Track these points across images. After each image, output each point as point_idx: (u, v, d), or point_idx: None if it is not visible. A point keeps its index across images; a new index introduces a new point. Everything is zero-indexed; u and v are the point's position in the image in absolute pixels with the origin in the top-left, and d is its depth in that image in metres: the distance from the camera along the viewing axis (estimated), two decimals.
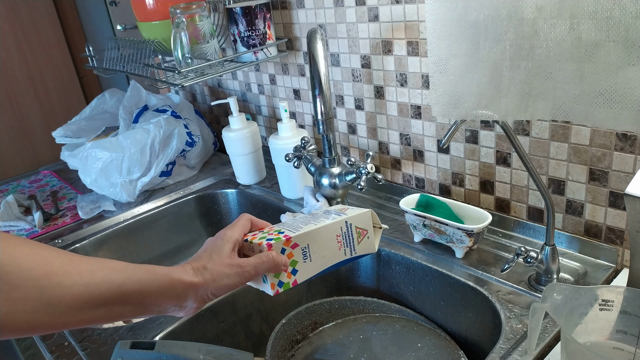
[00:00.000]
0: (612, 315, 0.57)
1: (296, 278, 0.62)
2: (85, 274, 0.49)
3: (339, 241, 0.66)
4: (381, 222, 0.71)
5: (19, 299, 0.44)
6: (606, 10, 0.54)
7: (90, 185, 1.24)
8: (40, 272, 0.46)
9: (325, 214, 0.69)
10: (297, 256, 0.62)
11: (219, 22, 1.23)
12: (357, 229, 0.67)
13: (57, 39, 2.33)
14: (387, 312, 0.90)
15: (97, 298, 0.49)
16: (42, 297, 0.45)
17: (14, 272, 0.45)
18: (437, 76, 0.71)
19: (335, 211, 0.70)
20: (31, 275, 0.45)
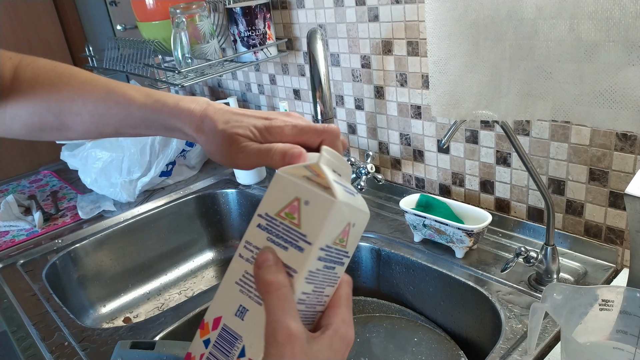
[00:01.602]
0: (612, 315, 0.57)
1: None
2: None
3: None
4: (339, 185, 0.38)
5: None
6: (606, 10, 0.54)
7: (90, 185, 1.24)
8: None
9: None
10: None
11: (219, 22, 1.23)
12: (280, 213, 0.37)
13: (57, 39, 2.33)
14: (387, 312, 0.90)
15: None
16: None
17: None
18: (437, 76, 0.71)
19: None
20: None
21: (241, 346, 0.37)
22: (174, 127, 0.49)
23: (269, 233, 0.37)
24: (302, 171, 0.38)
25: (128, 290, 1.17)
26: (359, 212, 0.38)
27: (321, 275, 0.37)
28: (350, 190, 0.39)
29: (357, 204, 0.38)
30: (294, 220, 0.36)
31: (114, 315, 1.12)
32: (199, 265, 1.27)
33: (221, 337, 0.38)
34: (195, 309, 0.84)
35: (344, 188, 0.37)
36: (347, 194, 0.37)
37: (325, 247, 0.36)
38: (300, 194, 0.36)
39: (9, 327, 0.87)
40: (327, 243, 0.36)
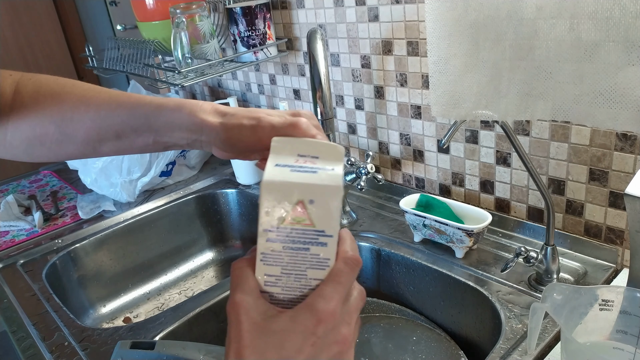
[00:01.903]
0: (612, 315, 0.57)
1: None
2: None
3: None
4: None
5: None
6: (606, 10, 0.54)
7: (90, 185, 1.24)
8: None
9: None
10: None
11: (219, 22, 1.23)
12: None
13: (57, 39, 2.33)
14: (387, 312, 0.90)
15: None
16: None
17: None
18: (437, 76, 0.71)
19: None
20: None
21: None
22: (178, 124, 0.49)
23: None
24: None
25: (128, 290, 1.17)
26: (315, 187, 0.36)
27: (287, 257, 0.37)
28: (310, 169, 0.38)
29: (311, 180, 0.37)
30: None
31: (114, 315, 1.12)
32: (199, 265, 1.27)
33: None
34: (195, 309, 0.84)
35: (291, 168, 0.38)
36: (293, 172, 0.37)
37: (271, 229, 0.37)
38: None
39: (9, 327, 0.87)
40: (272, 224, 0.37)
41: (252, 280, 0.37)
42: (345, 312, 0.37)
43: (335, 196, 0.37)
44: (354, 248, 0.39)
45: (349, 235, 0.40)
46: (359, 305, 0.38)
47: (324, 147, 0.41)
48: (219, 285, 0.90)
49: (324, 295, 0.36)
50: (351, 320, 0.37)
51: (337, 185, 0.37)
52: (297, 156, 0.40)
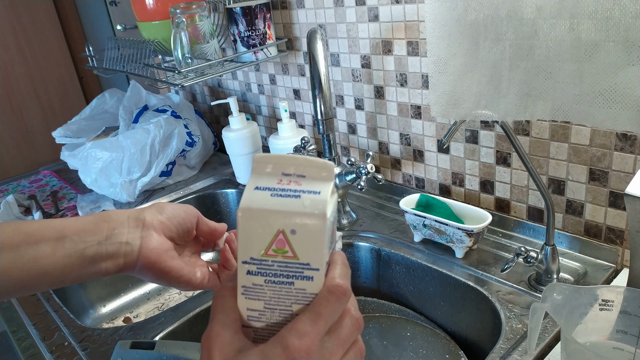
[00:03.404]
0: (612, 315, 0.57)
1: None
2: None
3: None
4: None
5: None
6: (606, 10, 0.54)
7: (90, 185, 1.24)
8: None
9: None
10: None
11: (219, 22, 1.23)
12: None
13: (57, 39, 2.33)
14: (387, 312, 0.90)
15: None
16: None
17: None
18: (437, 76, 0.71)
19: None
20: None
21: None
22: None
23: None
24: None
25: (128, 290, 1.17)
26: (296, 215, 0.33)
27: (269, 291, 0.34)
28: (293, 192, 0.34)
29: (291, 207, 0.33)
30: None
31: (114, 315, 1.12)
32: None
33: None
34: (195, 309, 0.84)
35: (272, 192, 0.34)
36: (274, 198, 0.33)
37: (250, 260, 0.34)
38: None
39: (9, 327, 0.87)
40: (251, 255, 0.33)
41: (233, 313, 0.34)
42: (328, 347, 0.33)
43: (319, 226, 0.33)
44: (343, 275, 0.35)
45: (341, 260, 0.36)
46: (351, 336, 0.35)
47: (311, 164, 0.35)
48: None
49: (298, 329, 0.32)
50: (335, 354, 0.33)
51: (320, 213, 0.33)
52: (282, 175, 0.35)
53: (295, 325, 0.33)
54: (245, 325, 0.35)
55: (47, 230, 0.47)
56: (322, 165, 0.35)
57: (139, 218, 0.50)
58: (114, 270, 0.48)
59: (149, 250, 0.49)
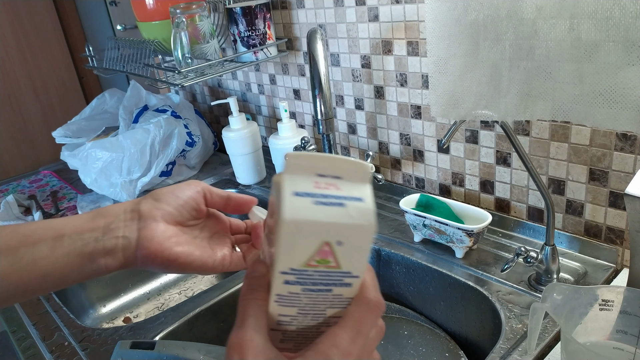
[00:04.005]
0: (612, 315, 0.57)
1: None
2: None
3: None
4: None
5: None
6: (606, 10, 0.54)
7: (90, 185, 1.24)
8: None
9: None
10: None
11: (219, 22, 1.23)
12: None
13: (57, 39, 2.33)
14: (387, 312, 0.90)
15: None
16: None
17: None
18: (437, 76, 0.71)
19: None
20: None
21: None
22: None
23: None
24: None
25: (128, 290, 1.17)
26: (346, 227, 0.32)
27: (305, 298, 0.34)
28: (336, 200, 0.32)
29: (340, 219, 0.32)
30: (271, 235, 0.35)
31: (114, 315, 1.12)
32: None
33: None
34: (195, 309, 0.84)
35: (313, 199, 0.32)
36: (318, 206, 0.32)
37: (290, 271, 0.32)
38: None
39: (9, 327, 0.87)
40: (291, 266, 0.32)
41: (264, 318, 0.34)
42: (359, 356, 0.34)
43: (367, 236, 0.32)
44: (376, 286, 0.36)
45: (372, 275, 0.36)
46: (374, 344, 0.35)
47: (346, 164, 0.34)
48: (219, 286, 0.90)
49: (340, 346, 0.33)
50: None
51: (370, 224, 0.32)
52: (317, 177, 0.33)
53: (337, 342, 0.33)
54: (273, 329, 0.34)
55: (45, 231, 0.46)
56: (358, 166, 0.34)
57: (135, 209, 0.48)
58: (116, 266, 0.47)
59: (147, 240, 0.47)
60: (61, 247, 0.46)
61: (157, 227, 0.47)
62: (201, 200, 0.50)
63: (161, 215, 0.48)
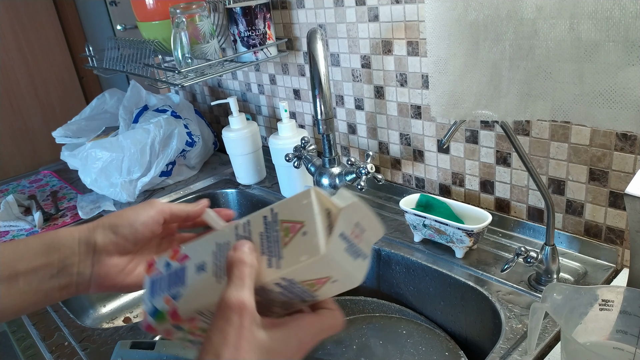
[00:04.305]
0: (612, 315, 0.57)
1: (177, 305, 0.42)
2: None
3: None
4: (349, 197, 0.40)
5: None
6: (606, 10, 0.54)
7: (90, 185, 1.24)
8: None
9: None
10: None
11: (219, 22, 1.23)
12: (284, 223, 0.40)
13: (57, 39, 2.33)
14: (387, 312, 0.90)
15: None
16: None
17: None
18: (437, 76, 0.71)
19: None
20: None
21: (179, 293, 0.42)
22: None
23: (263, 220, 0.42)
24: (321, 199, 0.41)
25: None
26: (348, 276, 0.39)
27: (279, 295, 0.41)
28: (357, 252, 0.39)
29: (350, 268, 0.39)
30: (286, 237, 0.39)
31: (114, 315, 1.12)
32: None
33: (176, 272, 0.44)
34: None
35: (347, 246, 0.38)
36: (344, 253, 0.38)
37: (288, 280, 0.38)
38: (307, 219, 0.39)
39: (9, 327, 0.87)
40: (293, 278, 0.38)
41: (253, 287, 0.39)
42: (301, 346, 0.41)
43: (350, 287, 0.41)
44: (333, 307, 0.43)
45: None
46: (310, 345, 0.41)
47: (374, 223, 0.41)
48: None
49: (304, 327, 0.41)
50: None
51: (358, 281, 0.40)
52: (355, 225, 0.39)
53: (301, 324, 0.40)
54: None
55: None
56: (378, 228, 0.41)
57: (90, 243, 0.48)
58: (68, 296, 0.49)
59: (100, 277, 0.48)
60: (16, 286, 0.46)
61: (110, 262, 0.48)
62: (159, 225, 0.50)
63: (115, 249, 0.49)
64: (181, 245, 0.46)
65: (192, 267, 0.43)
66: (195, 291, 0.42)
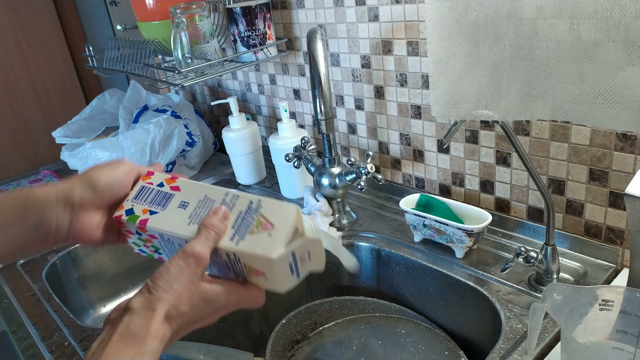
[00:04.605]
0: (612, 315, 0.57)
1: (149, 218, 0.51)
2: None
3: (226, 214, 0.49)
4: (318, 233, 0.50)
5: None
6: (606, 10, 0.54)
7: None
8: None
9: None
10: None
11: (219, 22, 1.23)
12: (261, 217, 0.49)
13: (57, 39, 2.33)
14: (387, 312, 0.90)
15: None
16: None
17: None
18: (437, 76, 0.71)
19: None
20: None
21: (156, 211, 0.51)
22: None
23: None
24: (297, 223, 0.49)
25: (128, 290, 1.17)
26: (278, 282, 0.48)
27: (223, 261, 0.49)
28: (295, 270, 0.49)
29: (283, 277, 0.48)
30: (255, 228, 0.48)
31: None
32: None
33: (164, 195, 0.52)
34: None
35: (291, 262, 0.48)
36: (286, 266, 0.47)
37: (236, 257, 0.47)
38: (279, 226, 0.48)
39: (9, 327, 0.87)
40: (241, 258, 0.47)
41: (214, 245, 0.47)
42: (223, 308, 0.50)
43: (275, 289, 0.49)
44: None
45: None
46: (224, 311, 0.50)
47: (320, 259, 0.52)
48: None
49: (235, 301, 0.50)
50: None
51: (283, 288, 0.49)
52: (306, 252, 0.50)
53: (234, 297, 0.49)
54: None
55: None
56: (321, 265, 0.52)
57: (68, 199, 0.50)
58: (46, 248, 0.53)
59: (77, 231, 0.50)
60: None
61: (86, 217, 0.51)
62: (130, 183, 0.54)
63: (92, 204, 0.52)
64: (179, 177, 0.53)
65: (177, 200, 0.51)
66: (168, 218, 0.50)
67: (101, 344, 0.41)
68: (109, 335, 0.41)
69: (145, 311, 0.42)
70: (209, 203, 0.50)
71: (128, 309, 0.43)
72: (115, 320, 0.43)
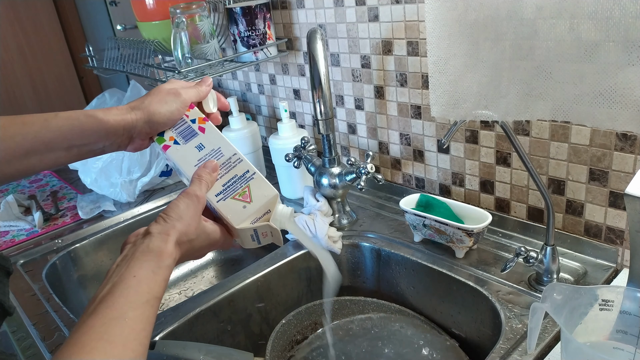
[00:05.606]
0: (612, 315, 0.57)
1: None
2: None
3: (223, 177, 0.59)
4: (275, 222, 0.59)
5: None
6: (606, 10, 0.54)
7: (90, 185, 1.24)
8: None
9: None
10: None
11: (219, 22, 1.23)
12: (247, 188, 0.59)
13: (57, 39, 2.33)
14: (387, 312, 0.90)
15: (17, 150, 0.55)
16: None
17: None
18: (437, 76, 0.70)
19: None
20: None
21: (178, 142, 0.61)
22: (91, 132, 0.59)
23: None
24: (270, 206, 0.59)
25: None
26: (244, 241, 0.60)
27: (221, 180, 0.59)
28: (257, 240, 0.59)
29: (247, 239, 0.59)
30: (237, 196, 0.58)
31: None
32: (199, 265, 1.27)
33: (191, 131, 0.62)
34: (195, 309, 0.84)
35: (253, 234, 0.59)
36: (249, 235, 0.58)
37: (215, 209, 0.58)
38: (255, 203, 0.59)
39: (9, 327, 0.87)
40: (218, 211, 0.58)
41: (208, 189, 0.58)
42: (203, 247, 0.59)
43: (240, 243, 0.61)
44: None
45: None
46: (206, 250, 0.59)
47: (278, 239, 0.61)
48: (218, 285, 0.90)
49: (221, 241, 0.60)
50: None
51: (246, 245, 0.60)
52: (267, 230, 0.59)
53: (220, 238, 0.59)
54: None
55: (59, 141, 0.57)
56: (279, 242, 0.62)
57: (131, 131, 0.60)
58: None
59: (128, 150, 0.63)
60: (70, 153, 0.59)
61: (138, 142, 0.62)
62: (183, 114, 0.62)
63: (146, 135, 0.62)
64: (208, 122, 0.62)
65: (198, 141, 0.61)
66: (184, 152, 0.60)
67: (125, 259, 0.50)
68: (131, 252, 0.51)
69: (161, 235, 0.52)
70: (217, 155, 0.60)
71: (148, 233, 0.53)
72: (135, 242, 0.52)
